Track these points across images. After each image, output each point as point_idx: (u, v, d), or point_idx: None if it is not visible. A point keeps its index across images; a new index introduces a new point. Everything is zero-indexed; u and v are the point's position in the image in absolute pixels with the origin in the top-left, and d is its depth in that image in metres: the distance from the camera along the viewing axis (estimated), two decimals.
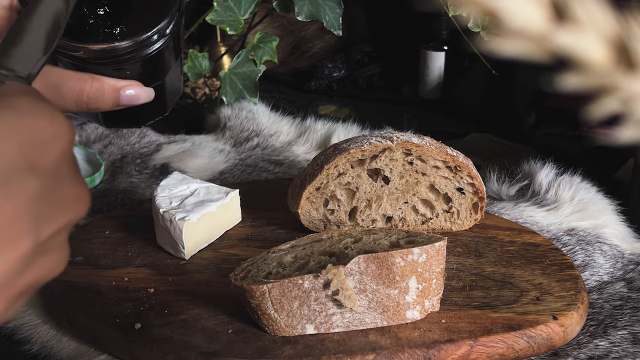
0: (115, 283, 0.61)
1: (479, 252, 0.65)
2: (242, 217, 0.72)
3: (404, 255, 0.52)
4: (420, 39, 1.13)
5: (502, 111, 1.01)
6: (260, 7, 0.93)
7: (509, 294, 0.59)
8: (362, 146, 0.65)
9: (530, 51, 0.23)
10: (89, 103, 0.45)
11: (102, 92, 0.46)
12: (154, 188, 0.68)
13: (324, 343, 0.53)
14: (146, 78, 0.49)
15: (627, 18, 0.23)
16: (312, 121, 0.96)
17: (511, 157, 0.88)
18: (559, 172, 0.78)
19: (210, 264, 0.64)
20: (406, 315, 0.54)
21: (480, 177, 0.68)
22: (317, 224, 0.69)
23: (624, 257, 0.68)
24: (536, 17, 0.22)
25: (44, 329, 0.59)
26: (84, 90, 0.45)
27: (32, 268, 0.30)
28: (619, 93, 0.22)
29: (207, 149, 0.91)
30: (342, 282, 0.51)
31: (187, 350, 0.52)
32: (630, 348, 0.55)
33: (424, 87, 1.13)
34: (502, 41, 0.23)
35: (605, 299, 0.61)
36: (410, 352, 0.52)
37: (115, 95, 0.46)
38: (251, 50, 0.94)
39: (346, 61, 1.20)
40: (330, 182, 0.66)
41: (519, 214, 0.74)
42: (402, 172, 0.67)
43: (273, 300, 0.52)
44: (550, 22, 0.22)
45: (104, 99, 0.46)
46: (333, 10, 0.90)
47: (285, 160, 0.89)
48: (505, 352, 0.54)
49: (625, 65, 0.22)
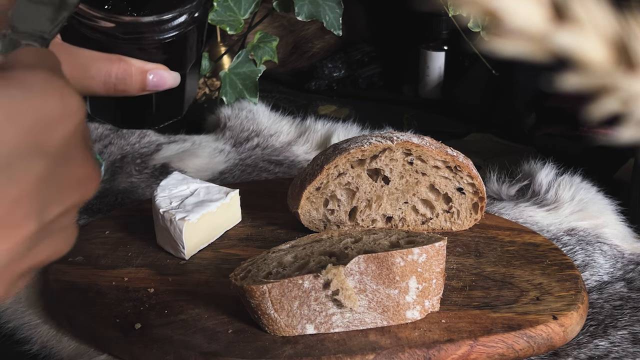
0: (115, 283, 0.61)
1: (479, 252, 0.65)
2: (242, 217, 0.72)
3: (404, 255, 0.52)
4: (420, 39, 1.13)
5: (502, 111, 1.01)
6: (260, 7, 0.93)
7: (509, 294, 0.59)
8: (362, 146, 0.65)
9: (530, 51, 0.23)
10: (116, 84, 0.45)
11: (129, 73, 0.45)
12: (154, 188, 0.68)
13: (324, 343, 0.53)
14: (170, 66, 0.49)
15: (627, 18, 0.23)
16: (312, 121, 0.96)
17: (511, 157, 0.88)
18: (559, 172, 0.78)
19: (210, 264, 0.64)
20: (406, 315, 0.54)
21: (480, 177, 0.68)
22: (317, 224, 0.69)
23: (624, 257, 0.68)
24: (536, 17, 0.22)
25: (44, 329, 0.59)
26: (112, 71, 0.45)
27: (36, 250, 0.29)
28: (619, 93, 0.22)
29: (207, 149, 0.91)
30: (342, 282, 0.51)
31: (187, 350, 0.52)
32: (630, 348, 0.55)
33: (424, 87, 1.13)
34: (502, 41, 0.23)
35: (605, 299, 0.61)
36: (410, 352, 0.52)
37: (142, 77, 0.46)
38: (251, 50, 0.94)
39: (346, 61, 1.20)
40: (330, 182, 0.66)
41: (519, 214, 0.74)
42: (402, 172, 0.67)
43: (273, 300, 0.52)
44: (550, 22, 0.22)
45: (131, 80, 0.46)
46: (333, 10, 0.90)
47: (285, 160, 0.89)
48: (505, 352, 0.54)
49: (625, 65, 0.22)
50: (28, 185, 0.27)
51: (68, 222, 0.31)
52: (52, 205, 0.29)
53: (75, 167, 0.30)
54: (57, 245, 0.31)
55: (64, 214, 0.30)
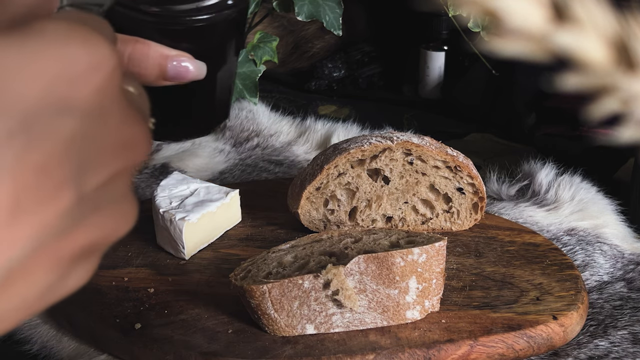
0: (115, 283, 0.61)
1: (479, 252, 0.65)
2: (242, 217, 0.72)
3: (404, 255, 0.52)
4: (420, 39, 1.12)
5: (502, 111, 1.01)
6: (260, 7, 0.93)
7: (509, 294, 0.59)
8: (362, 146, 0.65)
9: (530, 51, 0.23)
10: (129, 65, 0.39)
11: (146, 54, 0.39)
12: (154, 188, 0.68)
13: (324, 343, 0.53)
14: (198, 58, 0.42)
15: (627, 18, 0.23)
16: (312, 121, 0.96)
17: (511, 157, 0.88)
18: (559, 172, 0.78)
19: (210, 264, 0.64)
20: (406, 315, 0.54)
21: (480, 177, 0.68)
22: (317, 224, 0.69)
23: (624, 257, 0.68)
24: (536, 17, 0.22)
25: (44, 329, 0.59)
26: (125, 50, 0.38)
27: (82, 226, 0.25)
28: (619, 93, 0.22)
29: (207, 149, 0.91)
30: (342, 282, 0.51)
31: (187, 350, 0.52)
32: (630, 348, 0.55)
33: (424, 87, 1.13)
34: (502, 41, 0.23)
35: (605, 299, 0.61)
36: (410, 352, 0.52)
37: (162, 62, 0.39)
38: (251, 50, 0.94)
39: (346, 61, 1.20)
40: (330, 182, 0.66)
41: (519, 214, 0.74)
42: (402, 172, 0.67)
43: (273, 300, 0.52)
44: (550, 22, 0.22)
45: (148, 63, 0.39)
46: (333, 10, 0.90)
47: (285, 160, 0.89)
48: (505, 352, 0.54)
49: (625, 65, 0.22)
50: (56, 147, 0.23)
51: (120, 193, 0.27)
52: (92, 171, 0.25)
53: (115, 125, 0.26)
54: (111, 221, 0.27)
55: (110, 182, 0.26)
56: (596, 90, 0.23)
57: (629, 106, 0.23)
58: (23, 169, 0.22)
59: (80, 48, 0.24)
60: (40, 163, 0.23)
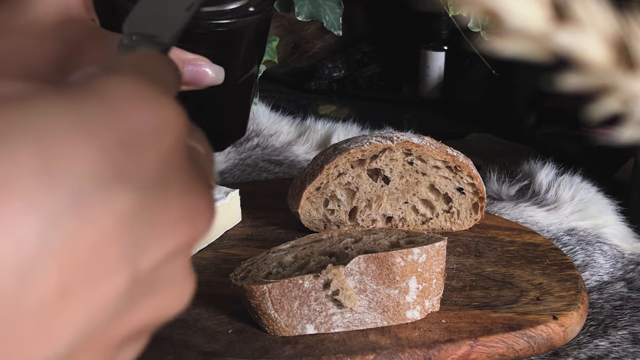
0: None
1: (479, 252, 0.65)
2: (242, 217, 0.72)
3: (404, 255, 0.52)
4: (420, 39, 1.13)
5: (502, 111, 1.01)
6: None
7: (509, 294, 0.59)
8: (362, 146, 0.65)
9: (530, 51, 0.23)
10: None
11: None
12: None
13: (324, 343, 0.53)
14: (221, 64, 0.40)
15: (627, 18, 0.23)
16: (312, 121, 0.96)
17: (511, 157, 0.88)
18: (559, 172, 0.78)
19: (210, 264, 0.64)
20: (406, 315, 0.54)
21: (480, 177, 0.68)
22: (317, 224, 0.69)
23: (624, 257, 0.68)
24: (536, 17, 0.22)
25: None
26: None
27: (135, 309, 0.23)
28: (619, 93, 0.22)
29: None
30: (342, 282, 0.51)
31: (187, 350, 0.52)
32: (630, 348, 0.55)
33: (424, 87, 1.13)
34: (502, 41, 0.23)
35: (606, 299, 0.61)
36: (410, 352, 0.52)
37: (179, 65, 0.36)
38: None
39: (346, 61, 1.20)
40: (330, 182, 0.66)
41: (519, 214, 0.74)
42: (402, 172, 0.67)
43: (273, 300, 0.52)
44: (550, 22, 0.22)
45: None
46: (333, 10, 0.90)
47: (285, 160, 0.89)
48: (505, 352, 0.54)
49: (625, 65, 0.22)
50: (110, 225, 0.20)
51: (178, 271, 0.25)
52: (149, 249, 0.22)
53: (178, 196, 0.23)
54: (165, 302, 0.25)
55: (169, 259, 0.23)
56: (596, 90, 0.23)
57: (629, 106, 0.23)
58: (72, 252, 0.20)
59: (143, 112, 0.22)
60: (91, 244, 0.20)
